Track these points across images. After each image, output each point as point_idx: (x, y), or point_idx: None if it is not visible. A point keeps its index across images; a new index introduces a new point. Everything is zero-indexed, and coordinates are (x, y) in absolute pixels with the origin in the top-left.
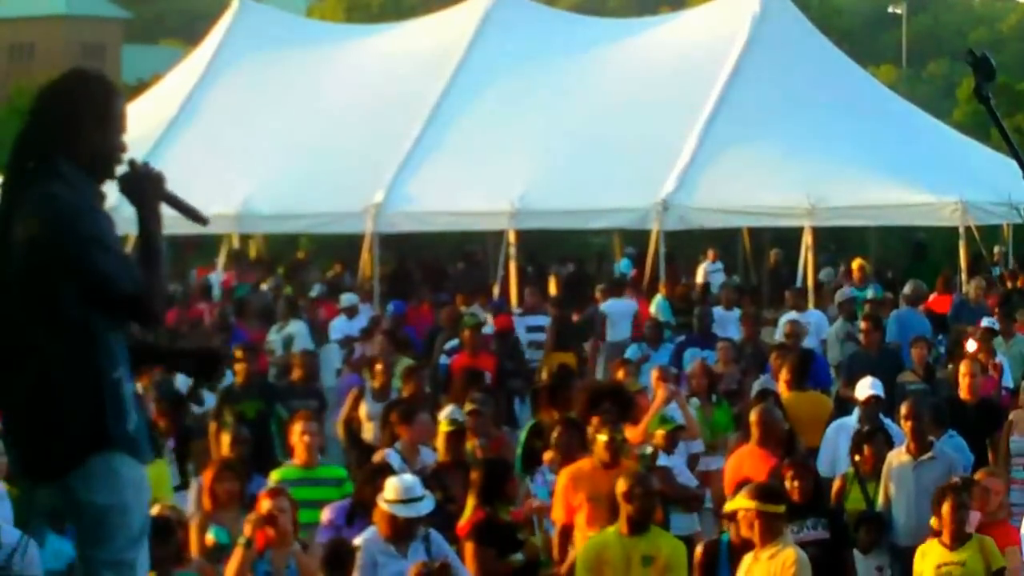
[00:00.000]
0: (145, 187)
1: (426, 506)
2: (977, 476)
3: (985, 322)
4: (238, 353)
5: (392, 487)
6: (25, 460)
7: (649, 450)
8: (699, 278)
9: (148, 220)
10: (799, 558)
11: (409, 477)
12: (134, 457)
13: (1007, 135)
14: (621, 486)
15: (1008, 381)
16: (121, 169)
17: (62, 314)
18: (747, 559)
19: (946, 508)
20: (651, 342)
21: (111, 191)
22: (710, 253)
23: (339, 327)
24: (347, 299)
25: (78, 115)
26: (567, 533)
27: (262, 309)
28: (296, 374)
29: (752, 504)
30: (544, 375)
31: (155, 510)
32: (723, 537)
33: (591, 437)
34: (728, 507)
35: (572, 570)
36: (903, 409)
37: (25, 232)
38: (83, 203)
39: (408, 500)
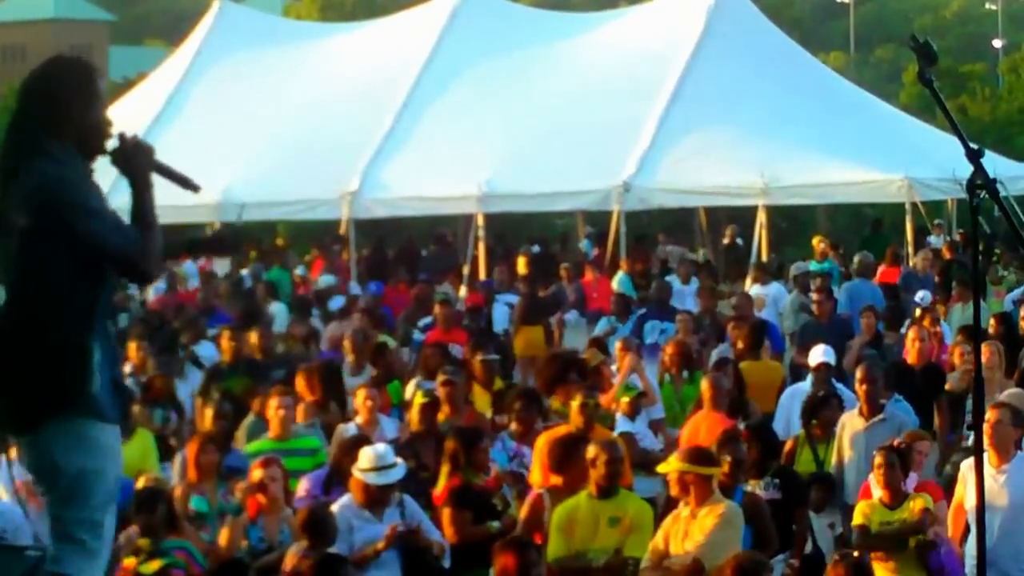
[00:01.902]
0: (136, 158)
1: (397, 473)
2: (904, 438)
3: (917, 297)
4: (226, 333)
5: (365, 456)
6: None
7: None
8: None
9: (140, 189)
10: (729, 506)
11: (381, 446)
12: (104, 420)
13: (950, 115)
14: (590, 453)
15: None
16: (112, 144)
17: (42, 281)
18: (682, 514)
19: (881, 469)
20: (619, 315)
21: (107, 174)
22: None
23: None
24: (324, 280)
25: (66, 96)
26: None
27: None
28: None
29: (686, 467)
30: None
31: (141, 481)
32: None
33: (566, 406)
34: (661, 469)
35: (531, 527)
36: (858, 373)
37: (16, 210)
38: (65, 174)
39: (380, 468)
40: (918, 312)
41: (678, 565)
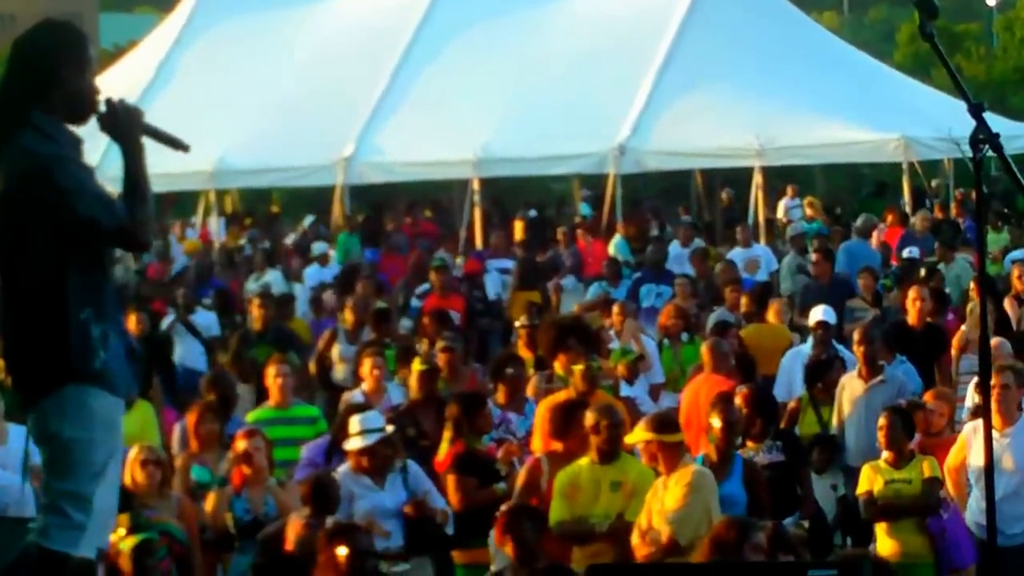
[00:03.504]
0: (125, 122)
1: (375, 436)
2: (925, 398)
3: (905, 253)
4: (256, 300)
5: (353, 422)
6: (13, 386)
7: (610, 381)
8: (779, 214)
9: (131, 153)
10: (696, 472)
11: (371, 412)
12: (110, 392)
13: (951, 68)
14: (589, 419)
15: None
16: (100, 109)
17: (35, 259)
18: (658, 485)
19: (886, 430)
20: (611, 280)
21: (95, 146)
22: (789, 190)
23: (312, 274)
24: (318, 248)
25: (56, 61)
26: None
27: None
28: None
29: (651, 436)
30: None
31: (134, 451)
32: (698, 460)
33: (565, 370)
34: (628, 440)
35: (528, 492)
36: (855, 335)
37: (2, 188)
38: (57, 153)
39: (363, 432)
40: (923, 272)
41: (655, 545)
